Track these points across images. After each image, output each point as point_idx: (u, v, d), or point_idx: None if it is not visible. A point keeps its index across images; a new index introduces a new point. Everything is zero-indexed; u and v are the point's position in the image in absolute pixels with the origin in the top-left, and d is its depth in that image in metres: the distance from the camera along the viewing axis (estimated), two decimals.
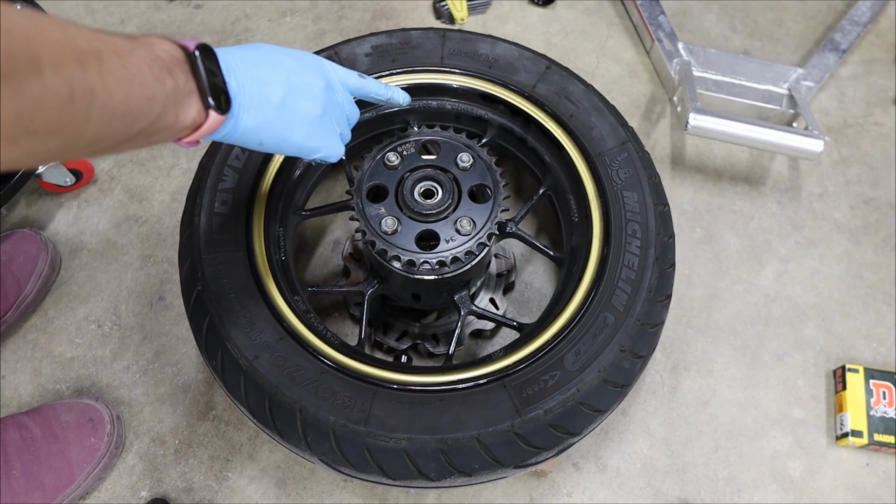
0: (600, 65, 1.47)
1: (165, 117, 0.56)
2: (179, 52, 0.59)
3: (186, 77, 0.58)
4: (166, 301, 1.19)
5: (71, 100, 0.46)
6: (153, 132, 0.56)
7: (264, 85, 0.67)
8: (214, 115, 0.61)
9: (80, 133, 0.48)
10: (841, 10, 1.57)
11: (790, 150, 1.23)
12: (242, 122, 0.65)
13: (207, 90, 0.60)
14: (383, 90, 0.85)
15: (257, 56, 0.68)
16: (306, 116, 0.72)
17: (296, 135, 0.72)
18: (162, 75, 0.55)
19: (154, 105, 0.54)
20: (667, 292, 0.92)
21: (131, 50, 0.53)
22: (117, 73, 0.50)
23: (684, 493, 1.08)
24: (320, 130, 0.75)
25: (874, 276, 1.26)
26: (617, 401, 0.86)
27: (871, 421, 1.10)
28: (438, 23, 1.50)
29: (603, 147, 1.00)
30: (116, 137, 0.52)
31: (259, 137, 0.68)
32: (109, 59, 0.50)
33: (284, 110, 0.69)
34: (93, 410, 1.04)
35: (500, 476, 0.84)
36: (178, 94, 0.57)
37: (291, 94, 0.70)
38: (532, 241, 1.04)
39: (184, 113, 0.58)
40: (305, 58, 0.74)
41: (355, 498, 1.05)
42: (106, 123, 0.50)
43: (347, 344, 0.92)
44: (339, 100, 0.78)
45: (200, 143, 0.65)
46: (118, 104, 0.50)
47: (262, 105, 0.67)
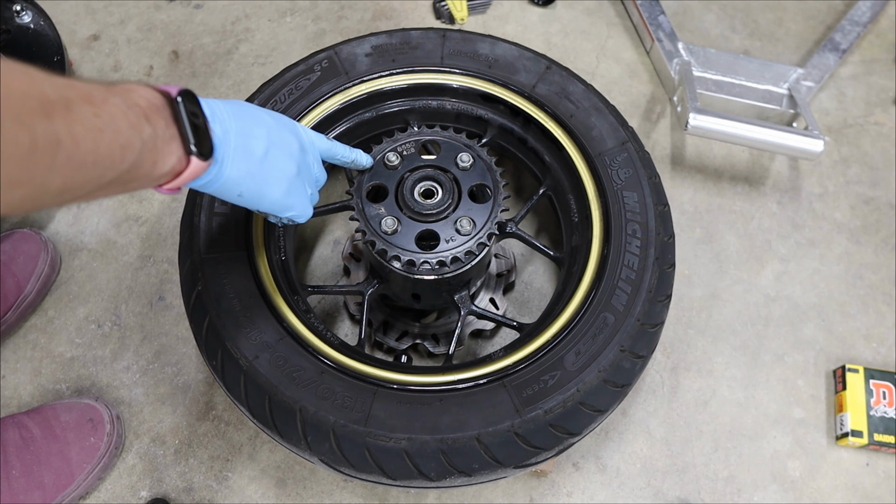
0: (600, 65, 1.47)
1: (141, 165, 0.55)
2: (160, 98, 0.58)
3: (167, 123, 0.57)
4: (166, 301, 1.19)
5: (33, 151, 0.44)
6: (129, 180, 0.54)
7: (248, 137, 0.67)
8: (196, 162, 0.60)
9: (44, 184, 0.46)
10: (841, 10, 1.57)
11: (790, 150, 1.23)
12: (226, 171, 0.65)
13: (189, 136, 0.59)
14: (348, 153, 0.87)
15: (240, 109, 0.69)
16: (285, 173, 0.73)
17: (274, 190, 0.72)
18: (139, 122, 0.54)
19: (128, 153, 0.52)
20: (667, 292, 0.92)
21: (105, 98, 0.52)
22: (87, 122, 0.48)
23: (684, 493, 1.08)
24: (296, 189, 0.75)
25: (874, 276, 1.26)
26: (617, 401, 0.86)
27: (871, 421, 1.10)
28: (438, 23, 1.50)
29: (603, 147, 1.00)
30: (86, 187, 0.51)
31: (240, 188, 0.68)
32: (80, 107, 0.48)
33: (265, 164, 0.69)
34: (93, 410, 1.04)
35: (500, 476, 0.84)
36: (157, 141, 0.56)
37: (272, 150, 0.70)
38: (532, 241, 1.04)
39: (162, 160, 0.57)
40: (281, 118, 0.76)
41: (355, 498, 1.05)
42: (74, 173, 0.48)
43: (347, 344, 0.92)
44: (309, 161, 0.79)
45: (182, 189, 0.63)
46: (87, 153, 0.48)
47: (246, 155, 0.67)
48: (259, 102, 1.01)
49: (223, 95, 1.39)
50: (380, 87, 1.06)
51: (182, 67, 1.43)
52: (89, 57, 1.43)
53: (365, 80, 1.05)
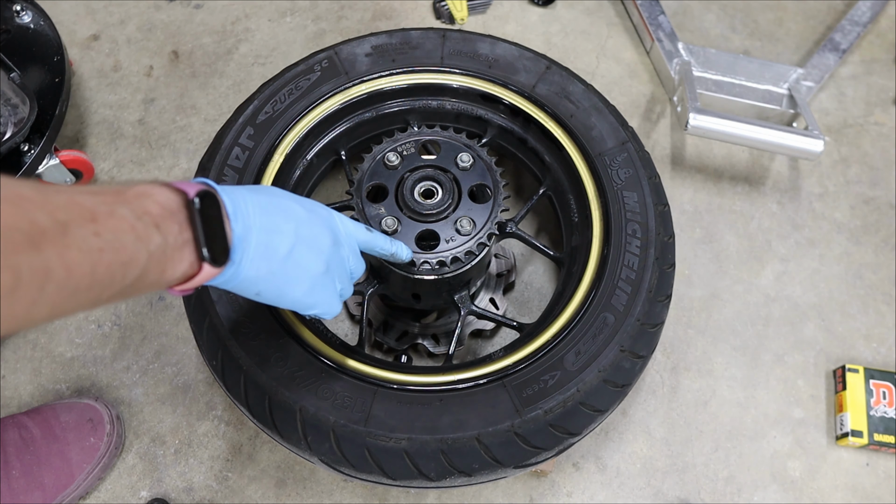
0: (600, 65, 1.47)
1: (147, 276, 0.52)
2: (176, 200, 0.55)
3: (181, 227, 0.55)
4: (166, 301, 1.19)
5: (15, 288, 0.42)
6: (132, 291, 0.52)
7: (272, 233, 0.63)
8: (209, 268, 0.57)
9: (28, 316, 0.44)
10: (841, 10, 1.57)
11: (790, 150, 1.23)
12: (244, 271, 0.61)
13: (203, 241, 0.56)
14: (388, 245, 0.83)
15: (269, 201, 0.65)
16: (310, 272, 0.68)
17: (296, 290, 0.68)
18: (147, 233, 0.51)
19: (131, 269, 0.50)
20: (667, 292, 0.92)
21: (111, 212, 0.49)
22: (85, 244, 0.46)
23: (684, 493, 1.07)
24: (321, 287, 0.71)
25: (874, 276, 1.26)
26: (617, 401, 0.86)
27: (871, 421, 1.10)
28: (438, 23, 1.50)
29: (603, 147, 1.00)
30: (79, 307, 0.49)
31: (258, 288, 0.65)
32: (78, 229, 0.46)
33: (289, 263, 0.65)
34: (92, 410, 1.04)
35: (500, 476, 0.84)
36: (167, 250, 0.53)
37: (298, 247, 0.66)
38: (532, 241, 1.04)
39: (172, 268, 0.55)
40: (316, 209, 0.72)
41: (355, 498, 1.05)
42: (63, 301, 0.46)
43: (347, 344, 0.92)
44: (343, 255, 0.74)
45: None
46: (81, 278, 0.46)
47: (268, 254, 0.63)
48: (259, 103, 1.01)
49: (223, 95, 1.39)
50: (380, 87, 1.06)
51: (182, 67, 1.43)
52: (89, 57, 1.43)
53: (365, 80, 1.05)
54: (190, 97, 1.39)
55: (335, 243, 0.72)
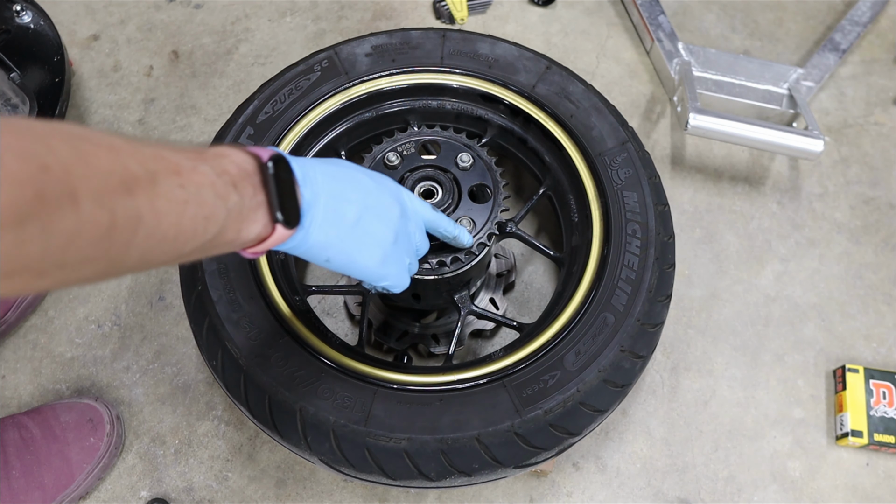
0: (600, 65, 1.47)
1: (225, 234, 0.54)
2: (251, 163, 0.57)
3: (255, 190, 0.56)
4: (166, 301, 1.19)
5: (111, 230, 0.43)
6: (209, 248, 0.54)
7: (340, 200, 0.65)
8: (281, 229, 0.59)
9: (120, 260, 0.46)
10: (841, 10, 1.57)
11: (790, 150, 1.23)
12: (313, 236, 0.63)
13: (276, 204, 0.58)
14: (452, 228, 0.83)
15: (337, 170, 0.67)
16: (379, 241, 0.69)
17: (366, 258, 0.69)
18: (226, 191, 0.53)
19: (211, 224, 0.52)
20: (667, 292, 0.92)
21: (194, 167, 0.51)
22: (172, 195, 0.48)
23: (684, 493, 1.08)
24: (392, 258, 0.72)
25: (874, 276, 1.26)
26: (617, 401, 0.86)
27: (871, 421, 1.10)
28: (438, 23, 1.50)
29: (603, 147, 1.00)
30: (165, 258, 0.50)
31: (327, 254, 0.66)
32: (165, 179, 0.48)
33: (357, 230, 0.66)
34: (92, 410, 1.04)
35: (500, 476, 0.84)
36: (243, 210, 0.55)
37: (366, 215, 0.67)
38: (532, 241, 1.04)
39: (247, 228, 0.56)
40: (384, 181, 0.73)
41: (355, 498, 1.05)
42: (152, 248, 0.48)
43: (347, 344, 0.92)
44: (410, 229, 0.75)
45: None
46: (168, 228, 0.48)
47: (336, 220, 0.64)
48: (259, 103, 1.01)
49: (223, 95, 1.39)
50: (380, 87, 1.06)
51: (182, 67, 1.43)
52: (89, 57, 1.43)
53: (365, 80, 1.05)
54: (190, 97, 1.39)
55: (403, 216, 0.73)
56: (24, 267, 0.40)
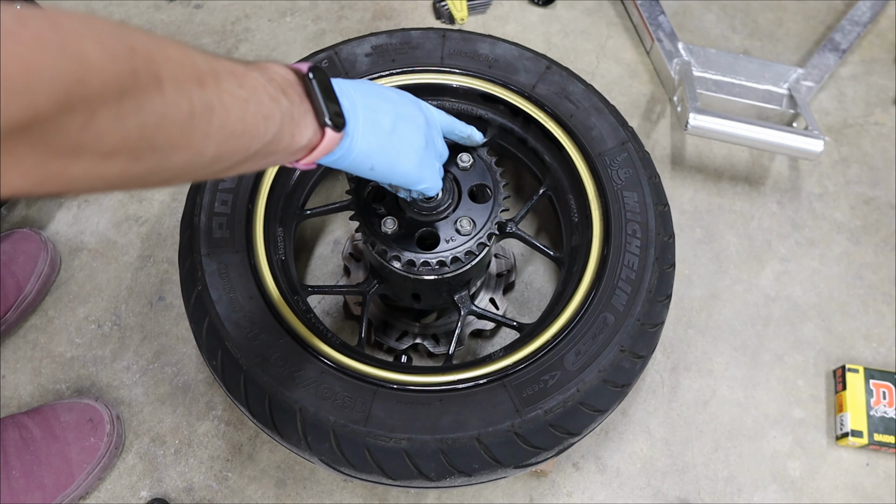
0: (600, 65, 1.47)
1: (282, 137, 0.56)
2: (292, 75, 0.60)
3: (301, 98, 0.59)
4: (166, 301, 1.19)
5: (192, 116, 0.46)
6: (270, 152, 0.56)
7: (375, 111, 0.69)
8: (330, 135, 0.62)
9: (201, 150, 0.49)
10: (841, 10, 1.57)
11: (790, 150, 1.23)
12: (357, 144, 0.66)
13: (323, 109, 0.60)
14: (464, 128, 0.87)
15: (365, 86, 0.70)
16: (414, 145, 0.74)
17: (406, 162, 0.73)
18: (277, 95, 0.56)
19: (270, 124, 0.54)
20: (667, 292, 0.92)
21: (246, 72, 0.54)
22: (234, 93, 0.51)
23: (684, 493, 1.08)
24: (426, 161, 0.77)
25: (874, 276, 1.26)
26: (617, 401, 0.86)
27: (871, 421, 1.10)
28: (438, 23, 1.50)
29: (603, 147, 1.00)
30: (235, 157, 0.53)
31: (371, 161, 0.69)
32: (226, 78, 0.51)
33: (394, 137, 0.70)
34: (92, 410, 1.04)
35: (500, 476, 0.84)
36: (294, 114, 0.58)
37: (399, 122, 0.71)
38: (532, 241, 1.04)
39: (300, 133, 0.59)
40: (405, 94, 0.77)
41: (355, 498, 1.05)
42: (224, 141, 0.50)
43: (347, 344, 0.92)
44: (434, 135, 0.80)
45: (316, 167, 0.65)
46: (236, 122, 0.50)
47: (375, 129, 0.68)
48: None
49: None
50: None
51: None
52: None
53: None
54: None
55: (427, 122, 0.78)
56: (123, 145, 0.42)
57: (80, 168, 0.42)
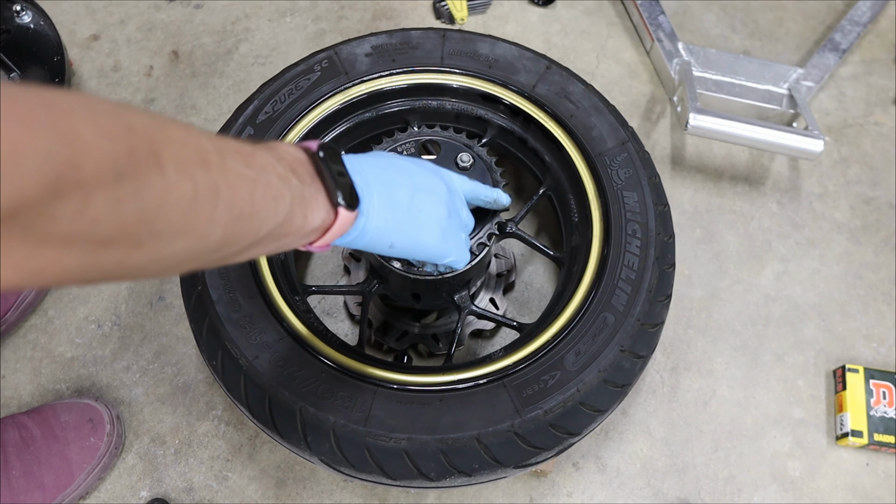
0: (600, 65, 1.47)
1: (293, 219, 0.54)
2: (302, 153, 0.58)
3: (311, 177, 0.57)
4: (166, 301, 1.19)
5: (195, 199, 0.44)
6: (281, 235, 0.54)
7: (390, 185, 0.66)
8: (344, 214, 0.59)
9: (206, 235, 0.46)
10: (841, 10, 1.57)
11: (790, 150, 1.23)
12: (373, 222, 0.63)
13: (335, 188, 0.58)
14: (490, 193, 0.85)
15: (378, 160, 0.68)
16: (435, 218, 0.71)
17: (427, 236, 0.70)
18: (287, 175, 0.54)
19: (281, 205, 0.52)
20: (667, 292, 0.92)
21: (253, 151, 0.52)
22: (241, 172, 0.48)
23: (684, 493, 1.08)
24: (450, 233, 0.74)
25: (874, 276, 1.26)
26: (617, 401, 0.86)
27: (871, 421, 1.10)
28: (438, 23, 1.50)
29: (603, 147, 1.00)
30: (243, 241, 0.50)
31: (390, 239, 0.66)
32: (232, 158, 0.48)
33: (413, 210, 0.68)
34: (92, 410, 1.04)
35: (500, 476, 0.84)
36: (305, 195, 0.55)
37: (418, 195, 0.69)
38: (532, 241, 1.04)
39: (312, 214, 0.56)
40: (424, 163, 0.75)
41: (355, 498, 1.05)
42: (232, 224, 0.48)
43: (347, 344, 0.92)
44: (457, 204, 0.76)
45: (332, 248, 0.63)
46: (244, 204, 0.48)
47: (391, 204, 0.65)
48: (259, 103, 1.01)
49: (223, 95, 1.39)
50: (380, 87, 1.06)
51: (182, 67, 1.43)
52: (89, 57, 1.43)
53: (365, 80, 1.05)
54: (190, 97, 1.39)
55: (450, 191, 0.75)
56: (121, 232, 0.40)
57: (75, 258, 0.38)
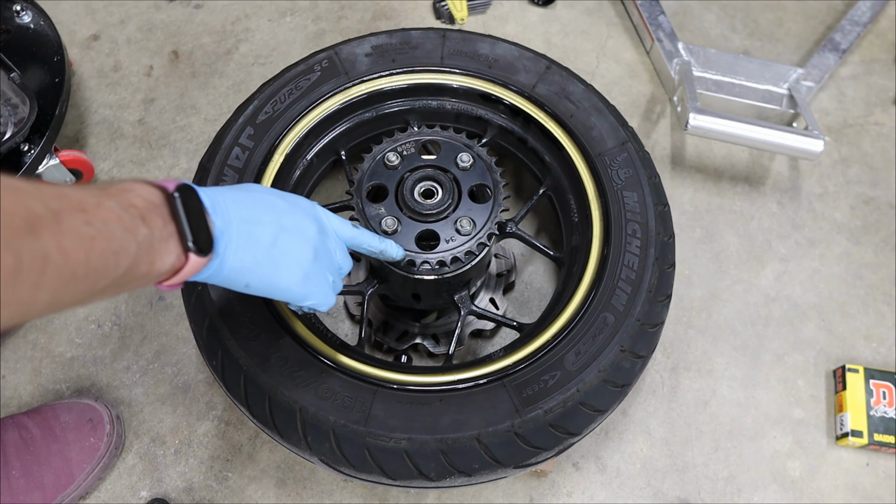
0: (600, 65, 1.47)
1: (138, 267, 0.53)
2: (157, 195, 0.57)
3: (164, 221, 0.56)
4: (166, 301, 1.19)
5: (18, 271, 0.43)
6: (124, 283, 0.53)
7: (253, 224, 0.65)
8: (195, 258, 0.58)
9: (31, 302, 0.46)
10: (841, 10, 1.57)
11: (790, 150, 1.23)
12: (228, 262, 0.62)
13: (188, 232, 0.57)
14: (376, 243, 0.82)
15: (247, 196, 0.67)
16: (298, 260, 0.69)
17: (286, 279, 0.69)
18: (134, 224, 0.53)
19: (123, 258, 0.51)
20: (667, 292, 0.92)
21: (99, 203, 0.50)
22: (78, 232, 0.47)
23: (684, 493, 1.07)
24: (313, 277, 0.71)
25: (874, 276, 1.26)
26: (617, 401, 0.86)
27: (871, 421, 1.10)
28: (438, 23, 1.50)
29: (603, 147, 1.00)
30: (78, 297, 0.50)
31: (246, 279, 0.65)
32: (70, 217, 0.47)
33: (274, 251, 0.66)
34: (92, 410, 1.04)
35: (500, 476, 0.84)
36: (154, 242, 0.55)
37: (282, 236, 0.67)
38: (532, 241, 1.04)
39: (160, 259, 0.56)
40: (299, 202, 0.73)
41: (355, 498, 1.05)
42: (63, 287, 0.47)
43: (347, 344, 0.92)
44: (330, 247, 0.75)
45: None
46: (77, 265, 0.47)
47: (250, 244, 0.64)
48: (259, 103, 1.01)
49: (223, 95, 1.39)
50: (380, 87, 1.06)
51: (182, 67, 1.43)
52: (89, 57, 1.43)
53: (365, 80, 1.05)
54: (190, 97, 1.39)
55: (321, 232, 0.72)
56: None
57: None
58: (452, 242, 0.89)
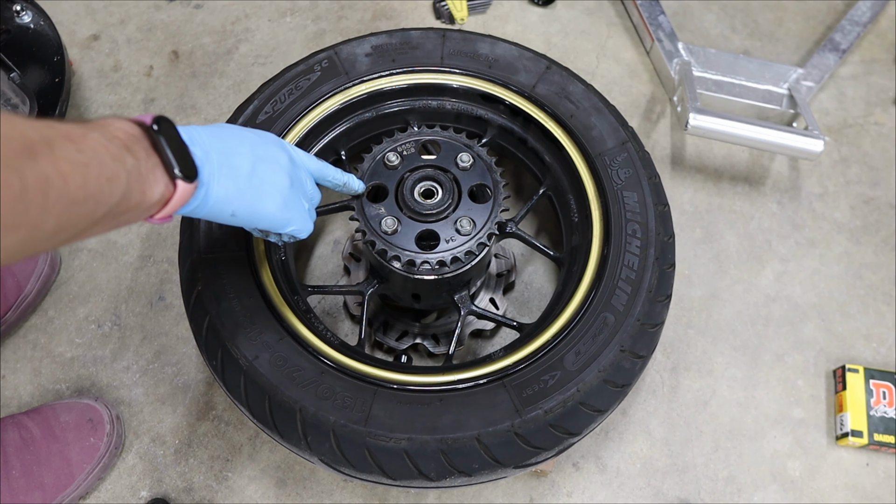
0: (600, 65, 1.47)
1: (131, 196, 0.54)
2: (136, 129, 0.58)
3: (147, 152, 0.57)
4: (166, 301, 1.19)
5: (24, 193, 0.44)
6: (120, 213, 0.54)
7: (231, 155, 0.67)
8: (183, 186, 0.60)
9: (39, 226, 0.46)
10: (841, 10, 1.57)
11: (790, 150, 1.23)
12: (213, 191, 0.64)
13: (172, 160, 0.58)
14: (339, 175, 0.85)
15: (220, 130, 0.69)
16: (277, 187, 0.72)
17: (269, 205, 0.71)
18: (120, 154, 0.54)
19: (116, 185, 0.52)
20: (667, 292, 0.92)
21: (84, 134, 0.52)
22: (72, 158, 0.48)
23: (684, 493, 1.08)
24: (292, 202, 0.74)
25: (874, 276, 1.26)
26: (617, 401, 0.86)
27: (871, 421, 1.10)
28: (438, 23, 1.50)
29: (603, 147, 1.00)
30: (80, 224, 0.51)
31: (231, 207, 0.67)
32: (62, 145, 0.48)
33: (254, 179, 0.69)
34: (92, 410, 1.04)
35: (500, 476, 0.84)
36: (141, 171, 0.56)
37: (259, 164, 0.70)
38: (532, 241, 1.04)
39: (150, 189, 0.57)
40: (266, 135, 0.75)
41: (355, 498, 1.05)
42: (66, 211, 0.48)
43: (347, 344, 0.92)
44: (301, 176, 0.78)
45: (174, 218, 0.63)
46: (76, 190, 0.48)
47: (231, 173, 0.66)
48: (259, 103, 1.01)
49: (223, 95, 1.39)
50: (380, 87, 1.06)
51: (182, 67, 1.43)
52: (89, 57, 1.43)
53: (365, 80, 1.05)
54: (190, 97, 1.39)
55: (292, 162, 0.76)
56: None
57: None
58: (452, 242, 0.89)
